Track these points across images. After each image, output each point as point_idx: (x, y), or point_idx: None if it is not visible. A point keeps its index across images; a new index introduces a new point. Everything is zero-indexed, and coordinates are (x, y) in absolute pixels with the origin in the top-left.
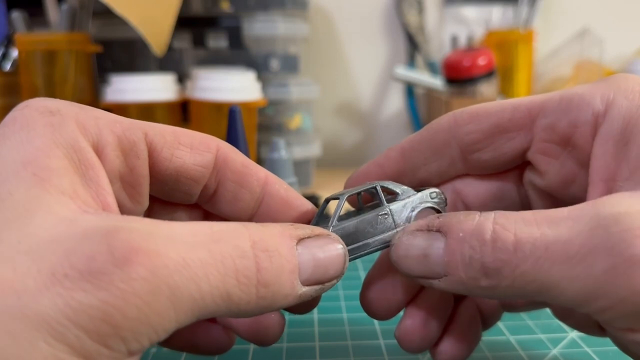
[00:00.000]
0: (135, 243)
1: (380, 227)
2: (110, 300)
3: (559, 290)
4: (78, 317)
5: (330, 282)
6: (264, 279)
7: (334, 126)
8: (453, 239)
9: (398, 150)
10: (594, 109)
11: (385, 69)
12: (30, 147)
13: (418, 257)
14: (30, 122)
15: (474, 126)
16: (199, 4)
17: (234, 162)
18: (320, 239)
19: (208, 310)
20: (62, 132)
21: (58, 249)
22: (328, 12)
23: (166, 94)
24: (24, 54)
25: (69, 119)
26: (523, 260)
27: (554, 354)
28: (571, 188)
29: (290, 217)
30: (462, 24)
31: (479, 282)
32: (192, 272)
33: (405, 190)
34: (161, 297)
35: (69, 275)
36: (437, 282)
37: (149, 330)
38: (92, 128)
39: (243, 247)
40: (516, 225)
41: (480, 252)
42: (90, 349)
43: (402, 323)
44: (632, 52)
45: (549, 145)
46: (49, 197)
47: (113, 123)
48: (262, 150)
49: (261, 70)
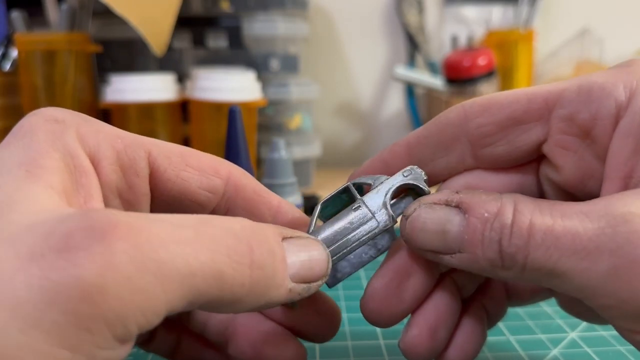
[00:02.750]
0: (116, 218)
1: (356, 220)
2: (86, 276)
3: (566, 279)
4: (54, 299)
5: (316, 282)
6: (257, 259)
7: (334, 126)
8: (477, 218)
9: (404, 145)
10: (617, 100)
11: (385, 69)
12: (29, 151)
13: (435, 232)
14: (35, 129)
15: (486, 119)
16: (199, 4)
17: (245, 189)
18: (302, 240)
19: (199, 292)
20: (61, 139)
21: (37, 232)
22: (328, 12)
23: (166, 93)
24: (24, 54)
25: (70, 128)
26: (535, 248)
27: (554, 354)
28: (589, 184)
29: None
30: (462, 24)
31: (494, 262)
32: (178, 248)
33: (377, 178)
34: (145, 273)
35: (45, 255)
36: (448, 257)
37: (135, 312)
38: (92, 140)
39: (234, 229)
40: (533, 213)
41: (500, 235)
42: (70, 335)
43: (408, 334)
44: (632, 52)
45: (567, 137)
46: (36, 190)
47: (115, 138)
48: (262, 150)
49: (261, 70)
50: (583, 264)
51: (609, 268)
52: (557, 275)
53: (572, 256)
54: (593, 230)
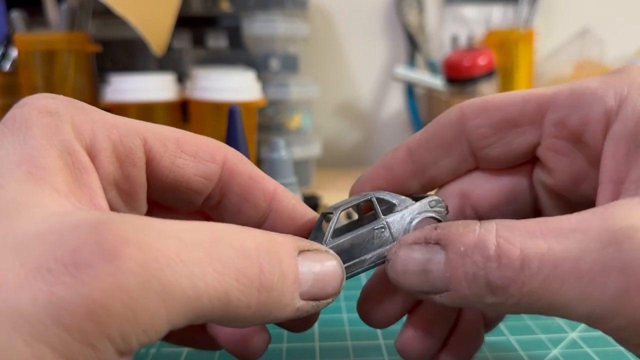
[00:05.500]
0: (126, 234)
1: (377, 241)
2: (94, 295)
3: (569, 308)
4: (59, 315)
5: (326, 300)
6: (267, 282)
7: (334, 126)
8: (454, 254)
9: (404, 150)
10: (607, 106)
11: (385, 69)
12: (25, 148)
13: (417, 273)
14: (29, 122)
15: (482, 120)
16: (198, 4)
17: (240, 174)
18: (319, 254)
19: (203, 313)
20: (58, 134)
21: (45, 242)
22: (328, 12)
23: (166, 93)
24: (24, 54)
25: (65, 120)
26: (530, 278)
27: (554, 354)
28: (581, 187)
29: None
30: (463, 23)
31: (484, 299)
32: (186, 269)
33: (402, 200)
34: (151, 294)
35: (52, 269)
36: (438, 297)
37: (137, 330)
38: (87, 132)
39: (245, 247)
40: (521, 239)
41: (484, 269)
42: (74, 350)
43: (403, 334)
44: (632, 52)
45: (559, 141)
46: (41, 193)
47: (110, 128)
48: (262, 150)
49: (261, 70)
50: (588, 289)
51: (619, 289)
52: (559, 306)
53: (576, 282)
54: (596, 250)
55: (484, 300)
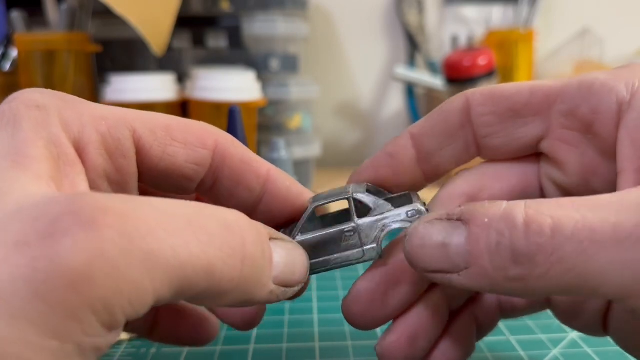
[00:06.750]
0: (105, 203)
1: (344, 244)
2: (73, 265)
3: (602, 279)
4: (39, 289)
5: (293, 288)
6: (250, 254)
7: (334, 126)
8: (477, 226)
9: (407, 137)
10: (618, 95)
11: (385, 69)
12: (13, 141)
13: (436, 247)
14: (17, 117)
15: (487, 108)
16: (198, 4)
17: (232, 158)
18: (288, 244)
19: (188, 283)
20: (45, 127)
21: (25, 217)
22: (328, 12)
23: (166, 93)
24: (24, 54)
25: (53, 114)
26: (562, 244)
27: (554, 354)
28: (592, 182)
29: (293, 215)
30: (462, 23)
31: (507, 271)
32: (169, 237)
33: (380, 205)
34: (133, 262)
35: (30, 243)
36: (456, 276)
37: (121, 301)
38: (75, 125)
39: (228, 220)
40: (552, 210)
41: (509, 237)
42: (58, 325)
43: (386, 339)
44: (632, 52)
45: (568, 132)
46: (24, 179)
47: (99, 120)
48: (262, 150)
49: (261, 70)
50: (628, 254)
51: None
52: (591, 277)
53: (614, 248)
54: (635, 219)
55: (507, 274)
